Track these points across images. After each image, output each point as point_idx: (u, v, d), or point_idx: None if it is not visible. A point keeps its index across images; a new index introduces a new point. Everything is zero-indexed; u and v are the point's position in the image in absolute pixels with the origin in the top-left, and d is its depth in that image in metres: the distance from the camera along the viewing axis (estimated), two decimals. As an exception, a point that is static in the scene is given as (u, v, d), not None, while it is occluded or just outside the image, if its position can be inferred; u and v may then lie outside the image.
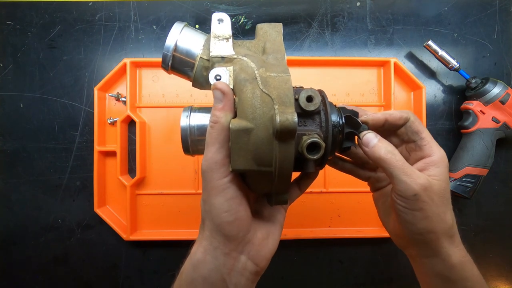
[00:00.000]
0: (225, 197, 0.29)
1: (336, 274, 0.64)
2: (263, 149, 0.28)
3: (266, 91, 0.28)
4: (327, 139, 0.30)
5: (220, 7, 0.63)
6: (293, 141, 0.27)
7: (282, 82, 0.29)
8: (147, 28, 0.63)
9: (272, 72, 0.30)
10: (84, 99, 0.62)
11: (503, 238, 0.65)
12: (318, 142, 0.28)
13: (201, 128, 0.33)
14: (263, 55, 0.33)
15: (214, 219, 0.30)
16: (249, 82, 0.29)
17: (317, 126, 0.30)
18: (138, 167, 0.60)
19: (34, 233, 0.62)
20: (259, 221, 0.34)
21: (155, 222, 0.62)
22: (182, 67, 0.34)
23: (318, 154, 0.28)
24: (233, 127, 0.28)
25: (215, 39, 0.32)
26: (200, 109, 0.34)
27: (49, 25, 0.62)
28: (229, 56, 0.32)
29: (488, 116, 0.59)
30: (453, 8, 0.65)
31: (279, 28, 0.35)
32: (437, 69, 0.65)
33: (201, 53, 0.33)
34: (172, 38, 0.33)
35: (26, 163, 0.62)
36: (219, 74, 0.31)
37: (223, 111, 0.29)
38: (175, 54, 0.33)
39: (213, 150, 0.29)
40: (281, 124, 0.26)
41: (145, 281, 0.62)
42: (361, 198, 0.63)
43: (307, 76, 0.63)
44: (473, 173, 0.59)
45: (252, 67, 0.30)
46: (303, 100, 0.30)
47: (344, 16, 0.64)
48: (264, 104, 0.28)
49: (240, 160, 0.28)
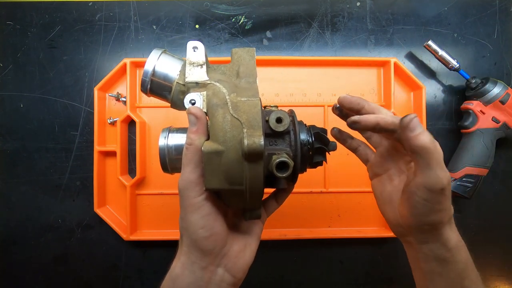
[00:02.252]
0: (200, 214, 0.31)
1: (336, 274, 0.64)
2: (234, 169, 0.30)
3: (236, 116, 0.30)
4: (296, 157, 0.32)
5: (220, 7, 0.63)
6: (261, 161, 0.29)
7: (252, 106, 0.31)
8: (147, 28, 0.63)
9: (243, 96, 0.32)
10: (84, 99, 0.62)
11: (503, 238, 0.65)
12: (286, 161, 0.30)
13: (178, 148, 0.35)
14: (237, 78, 0.35)
15: (191, 235, 0.32)
16: (221, 107, 0.31)
17: (287, 145, 0.33)
18: (138, 167, 0.60)
19: (34, 233, 0.62)
20: (236, 233, 0.36)
21: (155, 222, 0.62)
22: (160, 91, 0.36)
23: (287, 172, 0.30)
24: (205, 150, 0.30)
25: (190, 65, 0.35)
26: (177, 130, 0.36)
27: (49, 25, 0.62)
28: (203, 82, 0.34)
29: (488, 116, 0.59)
30: (453, 8, 0.65)
31: (252, 52, 0.37)
32: (437, 69, 0.65)
33: (178, 79, 0.35)
34: (150, 63, 0.35)
35: (26, 163, 0.62)
36: (194, 99, 0.33)
37: (197, 134, 0.31)
38: (153, 78, 0.36)
39: (188, 170, 0.31)
40: (248, 147, 0.28)
41: (145, 281, 0.62)
42: (361, 198, 0.63)
43: (307, 76, 0.63)
44: (473, 173, 0.59)
45: (223, 92, 0.32)
46: (273, 121, 0.32)
47: (344, 16, 0.64)
48: (234, 128, 0.30)
49: (213, 179, 0.31)
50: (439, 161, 0.30)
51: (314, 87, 0.63)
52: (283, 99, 0.62)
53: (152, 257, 0.62)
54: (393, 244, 0.63)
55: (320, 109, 0.62)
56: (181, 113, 0.62)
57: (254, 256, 0.36)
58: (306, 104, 0.62)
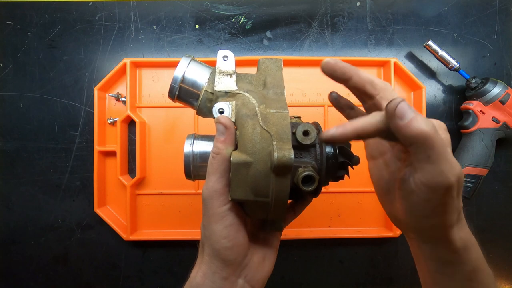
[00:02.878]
0: (224, 224, 0.31)
1: (336, 274, 0.63)
2: (261, 181, 0.30)
3: (266, 127, 0.30)
4: (321, 170, 0.32)
5: (220, 7, 0.63)
6: (289, 175, 0.29)
7: (281, 119, 0.31)
8: (147, 28, 0.63)
9: (272, 108, 0.32)
10: (84, 99, 0.62)
11: (503, 238, 0.64)
12: (312, 175, 0.30)
13: (203, 155, 0.35)
14: (263, 89, 0.35)
15: (213, 245, 0.32)
16: (250, 118, 0.31)
17: (312, 158, 0.32)
18: (138, 167, 0.60)
19: (34, 233, 0.62)
20: (255, 245, 0.35)
21: (155, 222, 0.62)
22: (187, 98, 0.36)
23: (312, 186, 0.30)
24: (234, 160, 0.30)
25: (220, 74, 0.35)
26: (202, 137, 0.37)
27: (49, 25, 0.62)
28: (232, 91, 0.34)
29: (488, 116, 0.59)
30: (453, 8, 0.65)
31: (280, 63, 0.37)
32: (437, 69, 0.65)
33: (206, 87, 0.35)
34: (180, 70, 0.36)
35: (26, 163, 0.62)
36: (222, 108, 0.33)
37: (225, 144, 0.31)
38: (182, 85, 0.36)
39: (213, 180, 0.31)
40: (278, 160, 0.28)
41: (145, 281, 0.62)
42: (361, 198, 0.63)
43: (307, 76, 0.63)
44: (473, 173, 0.59)
45: (253, 103, 0.32)
46: (300, 134, 0.31)
47: (344, 16, 0.64)
48: (263, 139, 0.30)
49: (239, 190, 0.31)
50: (442, 151, 0.24)
51: (314, 87, 0.63)
52: (283, 99, 0.62)
53: (152, 257, 0.62)
54: (393, 244, 0.63)
55: (320, 109, 0.62)
56: (182, 114, 0.63)
57: (272, 268, 0.36)
58: (306, 104, 0.62)
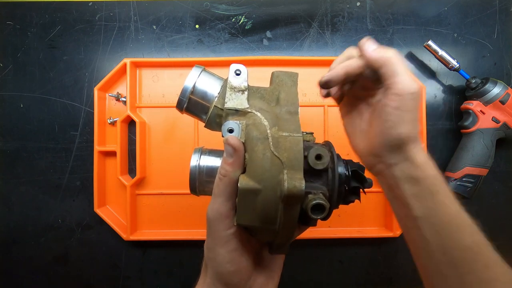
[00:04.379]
0: (228, 248, 0.31)
1: (336, 274, 0.64)
2: (268, 209, 0.29)
3: (277, 154, 0.29)
4: (332, 197, 0.31)
5: (220, 7, 0.63)
6: (299, 204, 0.28)
7: (294, 144, 0.29)
8: (147, 28, 0.63)
9: (285, 131, 0.30)
10: (84, 99, 0.62)
11: (503, 238, 0.64)
12: (323, 204, 0.28)
13: (209, 171, 0.34)
14: (276, 105, 0.33)
15: (217, 268, 0.31)
16: (261, 141, 0.29)
17: (323, 183, 0.31)
18: (138, 167, 0.60)
19: (34, 233, 0.62)
20: (259, 266, 0.35)
21: (155, 222, 0.62)
22: (196, 111, 0.35)
23: (322, 215, 0.28)
24: (241, 187, 0.28)
25: (231, 90, 0.33)
26: (210, 152, 0.35)
27: (49, 25, 0.62)
28: (243, 109, 0.32)
29: (488, 116, 0.59)
30: (453, 8, 0.65)
31: (295, 77, 0.35)
32: (437, 69, 0.65)
33: (216, 101, 0.33)
34: (190, 80, 0.34)
35: (26, 163, 0.62)
36: (232, 128, 0.31)
37: (233, 167, 0.30)
38: (192, 97, 0.34)
39: (219, 202, 0.30)
40: (289, 190, 0.27)
41: (145, 281, 0.62)
42: (361, 198, 0.63)
43: (307, 76, 0.63)
44: (473, 173, 0.59)
45: (265, 125, 0.30)
46: (312, 158, 0.30)
47: (344, 16, 0.64)
48: (274, 166, 0.28)
49: (245, 216, 0.30)
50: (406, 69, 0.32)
51: (314, 87, 0.63)
52: (283, 99, 0.62)
53: (152, 257, 0.62)
54: (393, 244, 0.63)
55: (320, 109, 0.62)
56: (183, 115, 0.63)
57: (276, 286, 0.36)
58: (306, 104, 0.62)
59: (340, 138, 0.62)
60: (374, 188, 0.63)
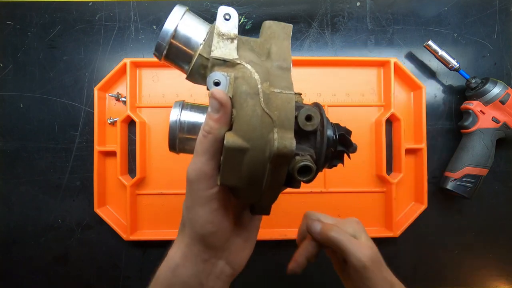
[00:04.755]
0: (209, 209, 0.29)
1: (336, 274, 0.63)
2: (255, 169, 0.27)
3: (268, 111, 0.27)
4: (319, 160, 0.30)
5: (220, 7, 0.63)
6: (286, 165, 0.27)
7: (286, 101, 0.27)
8: (147, 28, 0.63)
9: (276, 87, 0.28)
10: (84, 99, 0.62)
11: (503, 238, 0.64)
12: (310, 166, 0.27)
13: (191, 127, 0.31)
14: (267, 59, 0.31)
15: (197, 229, 0.30)
16: (251, 97, 0.27)
17: (311, 146, 0.30)
18: (138, 167, 0.60)
19: (34, 233, 0.62)
20: (239, 227, 0.34)
21: (155, 222, 0.62)
22: (177, 59, 0.31)
23: (308, 177, 0.27)
24: (227, 145, 0.26)
25: (219, 37, 0.29)
26: (192, 107, 0.32)
27: (49, 25, 0.62)
28: (231, 60, 0.29)
29: (488, 116, 0.59)
30: (453, 8, 0.65)
31: (289, 30, 0.32)
32: (437, 69, 0.65)
33: (201, 50, 0.29)
34: (172, 22, 0.29)
35: (26, 163, 0.62)
36: (219, 80, 0.28)
37: (219, 123, 0.28)
38: (173, 41, 0.30)
39: (202, 161, 0.28)
40: (279, 150, 0.26)
41: (145, 281, 0.62)
42: (361, 198, 0.63)
43: (307, 76, 0.63)
44: (473, 173, 0.59)
45: (256, 79, 0.28)
46: (302, 119, 0.28)
47: (344, 16, 0.64)
48: (264, 125, 0.27)
49: (230, 176, 0.28)
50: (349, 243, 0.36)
51: (314, 87, 0.63)
52: (283, 99, 0.62)
53: (152, 257, 0.62)
54: (393, 244, 0.63)
55: (320, 109, 0.62)
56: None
57: (253, 249, 0.35)
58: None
59: (340, 138, 0.62)
60: (374, 188, 0.63)
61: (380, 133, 0.61)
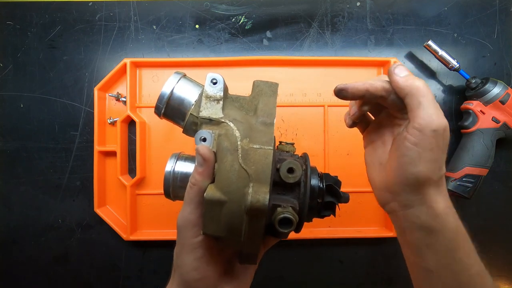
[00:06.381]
0: (194, 256, 0.31)
1: (336, 274, 0.64)
2: (233, 221, 0.29)
3: (244, 166, 0.29)
4: (302, 211, 0.31)
5: (220, 7, 0.63)
6: (263, 218, 0.28)
7: (263, 157, 0.29)
8: (147, 28, 0.63)
9: (256, 143, 0.30)
10: (84, 99, 0.62)
11: (503, 238, 0.64)
12: (289, 218, 0.28)
13: (183, 177, 0.34)
14: (254, 114, 0.33)
15: (183, 275, 0.31)
16: (230, 152, 0.29)
17: (295, 197, 0.31)
18: (138, 167, 0.60)
19: (34, 233, 0.62)
20: (229, 275, 0.34)
21: (155, 222, 0.62)
22: (173, 117, 0.35)
23: (289, 229, 0.28)
24: (207, 197, 0.29)
25: (207, 99, 0.33)
26: (186, 158, 0.35)
27: (49, 25, 0.62)
28: (216, 119, 0.32)
29: (488, 116, 0.59)
30: (453, 8, 0.65)
31: (275, 88, 0.35)
32: (437, 69, 0.65)
33: (192, 110, 0.33)
34: (168, 86, 0.34)
35: (26, 163, 0.62)
36: (205, 137, 0.31)
37: (202, 176, 0.30)
38: (169, 102, 0.34)
39: (188, 210, 0.31)
40: (252, 204, 0.27)
41: (145, 281, 0.62)
42: (361, 198, 0.63)
43: (307, 76, 0.63)
44: (473, 173, 0.59)
45: (236, 136, 0.30)
46: (284, 172, 0.30)
47: (344, 16, 0.64)
48: (240, 179, 0.28)
49: (211, 226, 0.30)
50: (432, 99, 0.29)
51: (314, 87, 0.63)
52: (283, 99, 0.62)
53: (152, 257, 0.62)
54: (393, 244, 0.63)
55: (320, 109, 0.62)
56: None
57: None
58: (306, 104, 0.62)
59: (340, 139, 0.62)
60: (374, 188, 0.63)
61: (380, 133, 0.61)
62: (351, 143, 0.62)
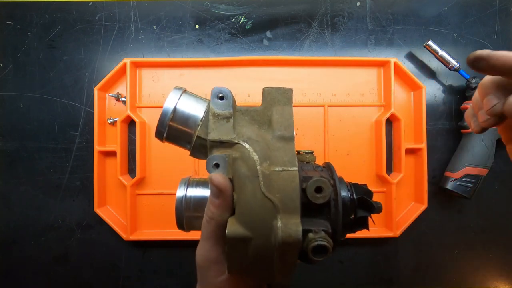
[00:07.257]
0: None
1: (336, 274, 0.63)
2: (262, 258, 0.26)
3: (268, 195, 0.25)
4: (336, 233, 0.27)
5: (220, 7, 0.63)
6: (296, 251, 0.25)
7: (288, 181, 0.25)
8: (147, 28, 0.63)
9: (277, 165, 0.26)
10: (84, 99, 0.62)
11: (503, 238, 0.64)
12: (325, 245, 0.24)
13: (197, 205, 0.30)
14: (268, 127, 0.29)
15: None
16: (250, 180, 0.26)
17: (325, 217, 0.27)
18: (138, 167, 0.60)
19: (34, 233, 0.62)
20: None
21: (155, 222, 0.62)
22: (178, 139, 0.31)
23: (324, 257, 0.25)
24: (229, 235, 0.25)
25: (214, 118, 0.28)
26: (198, 183, 0.31)
27: (49, 25, 0.62)
28: (229, 141, 0.28)
29: (488, 116, 0.59)
30: (453, 8, 0.65)
31: (289, 94, 0.30)
32: (437, 69, 0.65)
33: (199, 131, 0.29)
34: (169, 104, 0.29)
35: (26, 163, 0.62)
36: (218, 163, 0.27)
37: (219, 209, 0.26)
38: (172, 124, 0.30)
39: (207, 247, 0.28)
40: (283, 240, 0.24)
41: (145, 281, 0.62)
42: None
43: (307, 76, 0.63)
44: (473, 173, 0.59)
45: (254, 159, 0.26)
46: (311, 191, 0.26)
47: (344, 16, 0.64)
48: (265, 210, 0.25)
49: (236, 264, 0.26)
50: None
51: (314, 87, 0.63)
52: (283, 99, 0.62)
53: (152, 257, 0.62)
54: (393, 244, 0.63)
55: (320, 109, 0.62)
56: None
57: None
58: (306, 104, 0.62)
59: (340, 139, 0.62)
60: (375, 188, 0.63)
61: (380, 133, 0.61)
62: (351, 143, 0.62)
